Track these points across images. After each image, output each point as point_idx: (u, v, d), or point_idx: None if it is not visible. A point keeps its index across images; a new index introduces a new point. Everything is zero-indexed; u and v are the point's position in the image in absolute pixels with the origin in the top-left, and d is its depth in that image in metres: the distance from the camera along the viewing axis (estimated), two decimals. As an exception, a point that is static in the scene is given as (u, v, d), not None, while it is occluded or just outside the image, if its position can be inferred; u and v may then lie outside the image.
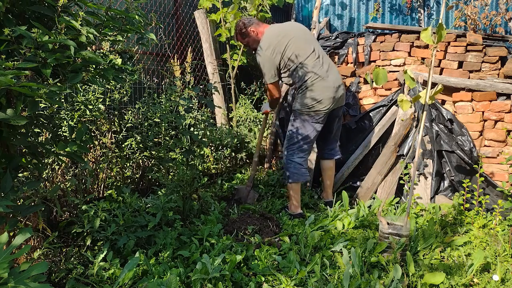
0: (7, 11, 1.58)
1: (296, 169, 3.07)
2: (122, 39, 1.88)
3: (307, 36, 3.14)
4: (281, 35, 3.05)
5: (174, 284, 1.84)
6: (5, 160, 1.68)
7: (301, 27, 3.22)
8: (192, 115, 3.80)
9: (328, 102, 3.01)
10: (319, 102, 2.99)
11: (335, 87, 3.03)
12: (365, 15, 5.48)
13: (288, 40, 3.02)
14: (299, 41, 3.03)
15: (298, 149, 3.08)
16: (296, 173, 3.06)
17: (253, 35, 3.18)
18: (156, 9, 4.50)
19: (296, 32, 3.09)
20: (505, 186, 3.23)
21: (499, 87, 3.32)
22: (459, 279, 2.14)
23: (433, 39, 2.13)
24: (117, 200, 2.56)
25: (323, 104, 3.00)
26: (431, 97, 2.23)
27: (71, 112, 2.85)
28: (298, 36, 3.06)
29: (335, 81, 3.04)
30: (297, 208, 3.10)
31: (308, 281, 2.07)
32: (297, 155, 3.08)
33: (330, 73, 3.04)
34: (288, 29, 3.12)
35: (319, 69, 3.00)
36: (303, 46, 3.02)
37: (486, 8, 4.32)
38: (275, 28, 3.14)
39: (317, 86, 2.99)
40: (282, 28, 3.13)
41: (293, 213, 3.08)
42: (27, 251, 1.68)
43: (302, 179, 3.09)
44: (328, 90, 3.00)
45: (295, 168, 3.07)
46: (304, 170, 3.09)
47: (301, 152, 3.08)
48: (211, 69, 4.65)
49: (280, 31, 3.09)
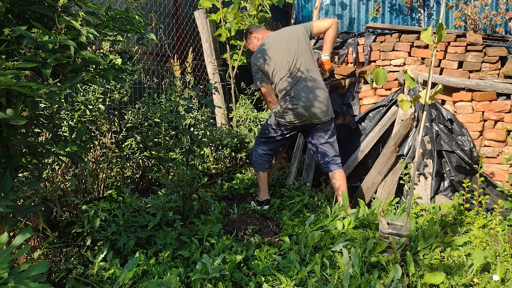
0: (7, 11, 1.58)
1: (256, 158, 3.38)
2: (122, 39, 1.88)
3: (292, 49, 3.11)
4: (269, 51, 3.15)
5: (174, 284, 1.84)
6: (5, 160, 1.68)
7: (292, 37, 3.15)
8: (192, 115, 3.80)
9: (292, 118, 3.13)
10: (283, 117, 3.16)
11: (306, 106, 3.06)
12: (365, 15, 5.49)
13: (273, 57, 3.13)
14: (282, 58, 3.10)
15: (263, 142, 3.38)
16: (255, 162, 3.38)
17: (255, 41, 3.41)
18: (156, 9, 4.50)
19: (284, 48, 3.12)
20: (505, 186, 3.23)
21: (499, 87, 3.32)
22: (459, 279, 2.14)
23: (433, 39, 2.13)
24: (117, 200, 2.56)
25: (286, 119, 3.16)
26: (431, 97, 2.22)
27: (71, 112, 2.85)
28: (284, 52, 3.11)
29: (307, 100, 3.06)
30: (263, 195, 3.35)
31: (308, 281, 2.07)
32: (260, 147, 3.38)
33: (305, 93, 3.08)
34: (277, 42, 3.16)
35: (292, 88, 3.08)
36: (284, 64, 3.10)
37: (486, 8, 4.32)
38: (268, 40, 3.22)
39: (287, 103, 3.11)
40: (273, 41, 3.19)
41: (260, 199, 3.33)
42: (27, 251, 1.68)
43: (258, 168, 3.37)
44: (297, 107, 3.08)
45: (255, 157, 3.38)
46: (262, 162, 3.35)
47: (264, 146, 3.37)
48: (211, 69, 4.65)
49: (270, 46, 3.17)
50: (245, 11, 4.60)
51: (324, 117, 3.13)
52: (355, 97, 3.97)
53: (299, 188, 3.62)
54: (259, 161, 3.36)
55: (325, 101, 3.11)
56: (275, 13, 5.82)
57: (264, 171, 3.38)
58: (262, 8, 4.53)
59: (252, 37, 3.40)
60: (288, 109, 3.11)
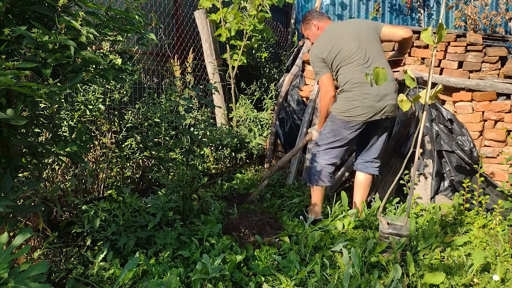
0: (7, 11, 1.58)
1: (317, 171, 2.94)
2: (122, 39, 1.88)
3: (363, 36, 2.86)
4: (334, 40, 2.86)
5: (174, 284, 1.84)
6: (5, 160, 1.68)
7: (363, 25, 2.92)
8: (192, 115, 3.81)
9: (364, 111, 2.79)
10: (353, 109, 2.81)
11: (379, 96, 2.77)
12: (365, 15, 5.48)
13: (339, 47, 2.84)
14: (350, 44, 2.82)
15: (323, 151, 2.95)
16: (318, 176, 2.95)
17: (314, 29, 3.08)
18: (156, 9, 4.51)
19: (351, 35, 2.85)
20: (505, 186, 3.23)
21: (499, 87, 3.32)
22: (459, 279, 2.14)
23: (433, 39, 2.13)
24: (117, 200, 2.56)
25: (357, 112, 2.80)
26: (431, 97, 2.23)
27: (71, 112, 2.85)
28: (352, 39, 2.83)
29: (380, 89, 2.75)
30: (316, 214, 2.97)
31: (308, 281, 2.07)
32: (322, 158, 2.95)
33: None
34: (344, 32, 2.88)
35: (362, 74, 2.78)
36: (353, 49, 2.82)
37: (486, 8, 4.32)
38: (332, 29, 2.95)
39: (356, 92, 2.81)
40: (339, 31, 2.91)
41: (313, 217, 2.93)
42: (27, 251, 1.68)
43: (321, 184, 2.95)
44: (368, 97, 2.78)
45: (316, 170, 2.95)
46: (325, 173, 2.94)
47: (326, 155, 2.94)
48: (211, 69, 4.66)
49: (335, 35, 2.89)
50: (245, 11, 4.60)
51: (395, 111, 2.90)
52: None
53: (299, 188, 3.62)
54: (323, 172, 2.93)
55: (396, 94, 2.84)
56: (275, 13, 5.83)
57: (327, 184, 2.99)
58: (262, 8, 4.53)
59: (312, 24, 3.05)
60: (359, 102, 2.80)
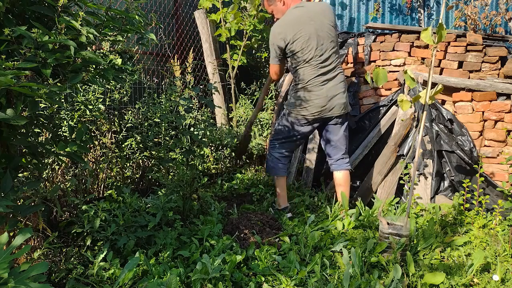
0: (7, 11, 1.58)
1: (274, 163, 3.12)
2: (122, 39, 1.88)
3: (325, 29, 2.87)
4: (298, 23, 2.83)
5: (174, 284, 1.84)
6: (5, 160, 1.68)
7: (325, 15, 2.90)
8: (192, 115, 3.80)
9: (314, 110, 2.92)
10: (305, 108, 2.94)
11: (329, 96, 2.89)
12: (365, 15, 5.48)
13: (301, 33, 2.82)
14: (312, 35, 2.82)
15: (279, 144, 3.12)
16: (273, 167, 3.12)
17: (279, 5, 3.00)
18: (156, 9, 4.50)
19: (315, 24, 2.84)
20: (505, 186, 3.23)
21: (499, 87, 3.32)
22: (459, 279, 2.14)
23: (433, 39, 2.13)
24: (117, 200, 2.56)
25: (309, 110, 2.93)
26: (431, 97, 2.22)
27: (71, 112, 2.85)
28: (314, 29, 2.83)
29: (329, 90, 2.89)
30: (283, 202, 3.11)
31: (308, 281, 2.07)
32: (277, 150, 3.12)
33: (330, 79, 2.90)
34: (308, 16, 2.85)
35: (319, 73, 2.87)
36: (314, 43, 2.83)
37: (486, 8, 4.32)
38: (297, 12, 2.89)
39: (309, 91, 2.91)
40: (304, 14, 2.86)
41: (279, 207, 3.10)
42: (27, 251, 1.68)
43: (279, 174, 3.11)
44: (319, 97, 2.89)
45: (273, 161, 3.13)
46: (281, 165, 3.11)
47: (281, 148, 3.12)
48: (211, 69, 4.65)
49: (299, 18, 2.85)
50: (245, 11, 4.60)
51: (345, 108, 2.98)
52: (355, 97, 3.97)
53: (299, 188, 3.62)
54: (278, 165, 3.11)
55: (343, 93, 2.96)
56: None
57: (284, 175, 3.13)
58: (262, 8, 4.52)
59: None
60: (309, 99, 2.90)
